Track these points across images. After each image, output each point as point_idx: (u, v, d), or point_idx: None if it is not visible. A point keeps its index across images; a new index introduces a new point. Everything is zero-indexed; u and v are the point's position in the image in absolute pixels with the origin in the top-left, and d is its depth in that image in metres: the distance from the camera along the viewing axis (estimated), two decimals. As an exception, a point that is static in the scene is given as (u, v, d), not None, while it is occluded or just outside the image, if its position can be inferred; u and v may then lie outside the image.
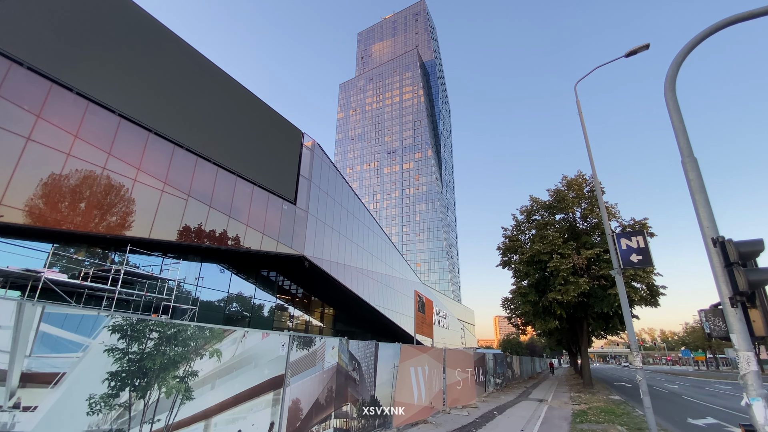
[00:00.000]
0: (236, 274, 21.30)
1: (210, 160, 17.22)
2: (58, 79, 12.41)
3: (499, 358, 23.71)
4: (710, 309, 4.99)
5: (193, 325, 3.93)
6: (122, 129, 14.25)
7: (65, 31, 12.98)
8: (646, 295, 19.56)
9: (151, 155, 15.03)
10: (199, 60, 17.81)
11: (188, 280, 18.51)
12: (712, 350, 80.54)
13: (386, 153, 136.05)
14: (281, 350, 4.96)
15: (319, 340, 5.76)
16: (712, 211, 4.82)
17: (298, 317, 27.52)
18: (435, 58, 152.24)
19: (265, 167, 20.00)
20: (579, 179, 22.88)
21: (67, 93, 12.79)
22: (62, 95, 12.66)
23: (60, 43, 12.73)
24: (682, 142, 4.84)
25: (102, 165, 13.40)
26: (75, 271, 14.02)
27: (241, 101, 19.80)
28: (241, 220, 18.11)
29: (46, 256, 13.26)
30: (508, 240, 24.62)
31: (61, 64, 12.62)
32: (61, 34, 12.83)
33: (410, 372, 9.13)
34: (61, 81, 12.47)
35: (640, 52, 9.75)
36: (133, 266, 16.15)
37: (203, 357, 3.97)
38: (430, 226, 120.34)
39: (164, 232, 15.23)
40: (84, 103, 13.26)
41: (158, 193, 15.10)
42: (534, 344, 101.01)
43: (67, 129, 12.56)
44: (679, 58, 4.77)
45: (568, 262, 19.24)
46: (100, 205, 13.06)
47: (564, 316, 21.42)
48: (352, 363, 6.53)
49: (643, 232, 9.11)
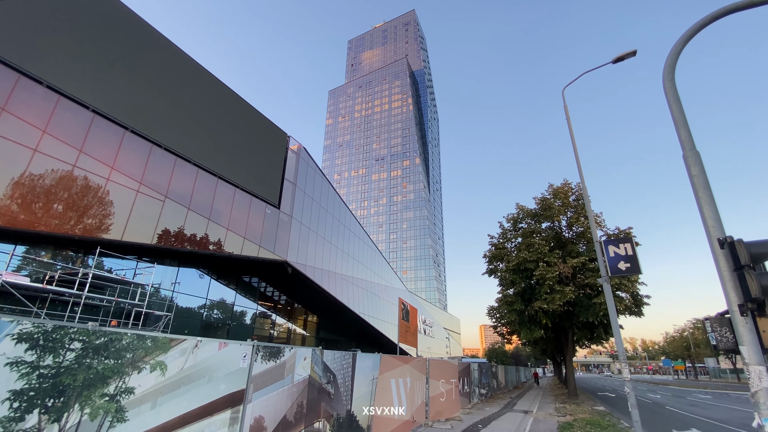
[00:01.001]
0: (216, 279, 20.58)
1: (190, 161, 16.62)
2: (26, 71, 11.76)
3: (485, 367, 23.37)
4: (716, 318, 4.47)
5: (130, 334, 3.41)
6: (96, 125, 13.62)
7: (34, 20, 12.36)
8: (630, 305, 19.54)
9: (126, 154, 14.39)
10: (182, 58, 17.28)
11: (164, 285, 17.78)
12: (691, 359, 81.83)
13: (374, 160, 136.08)
14: (242, 362, 4.46)
15: (288, 350, 5.26)
16: (717, 210, 4.42)
17: (280, 325, 26.76)
18: (424, 68, 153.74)
19: (248, 170, 19.44)
20: (565, 188, 22.92)
21: (36, 86, 12.16)
22: (31, 88, 12.01)
23: (28, 33, 12.10)
24: (683, 134, 4.53)
25: (72, 162, 12.74)
26: (41, 274, 13.22)
27: (225, 102, 19.28)
28: (222, 223, 17.48)
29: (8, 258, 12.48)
30: (495, 248, 24.46)
31: (30, 56, 11.97)
32: (30, 24, 12.20)
33: (391, 384, 8.68)
34: (29, 73, 11.83)
35: (628, 58, 9.71)
36: (107, 270, 15.41)
37: (142, 371, 3.43)
38: (417, 233, 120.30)
39: (139, 235, 14.54)
40: (54, 97, 12.62)
41: (133, 193, 14.43)
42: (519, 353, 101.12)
43: (35, 123, 11.90)
44: (678, 47, 4.57)
45: (554, 270, 19.11)
46: (68, 204, 12.36)
47: (549, 326, 21.25)
48: (326, 375, 6.05)
49: (631, 239, 8.94)
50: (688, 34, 4.49)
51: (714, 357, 68.08)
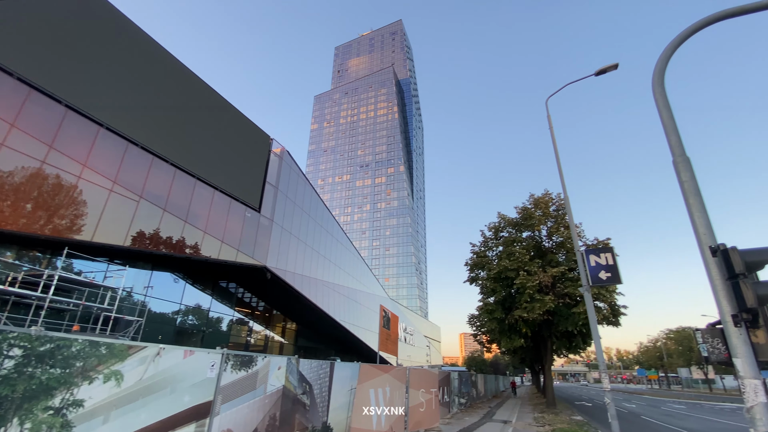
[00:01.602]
0: (191, 284, 19.90)
1: (167, 161, 16.11)
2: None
3: (464, 376, 23.27)
4: (707, 328, 4.26)
5: (81, 340, 3.11)
6: (69, 121, 13.05)
7: (4, 11, 11.80)
8: (608, 315, 19.84)
9: (100, 151, 13.83)
10: (162, 55, 16.83)
11: (136, 289, 17.06)
12: (664, 369, 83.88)
13: (359, 166, 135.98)
14: (210, 371, 4.17)
15: (261, 359, 4.98)
16: (708, 217, 4.29)
17: (258, 332, 26.07)
18: (410, 77, 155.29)
19: (228, 172, 18.98)
20: (546, 198, 23.28)
21: (5, 77, 11.59)
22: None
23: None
24: (672, 140, 4.49)
25: (41, 159, 12.15)
26: (3, 275, 12.46)
27: (207, 102, 18.84)
28: (199, 226, 16.96)
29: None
30: (476, 256, 24.56)
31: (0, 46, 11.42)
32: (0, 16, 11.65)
33: (369, 394, 8.44)
34: None
35: (610, 71, 9.92)
36: (75, 273, 14.68)
37: (94, 381, 3.12)
38: (400, 241, 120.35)
39: (111, 236, 13.93)
40: (25, 90, 12.06)
41: (106, 192, 13.85)
42: (498, 362, 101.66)
43: (2, 116, 11.31)
44: (668, 52, 4.60)
45: (534, 279, 19.28)
46: (37, 202, 11.74)
47: (529, 335, 21.38)
48: (302, 385, 5.78)
49: (611, 249, 9.03)
50: (677, 41, 4.53)
51: (686, 367, 69.93)
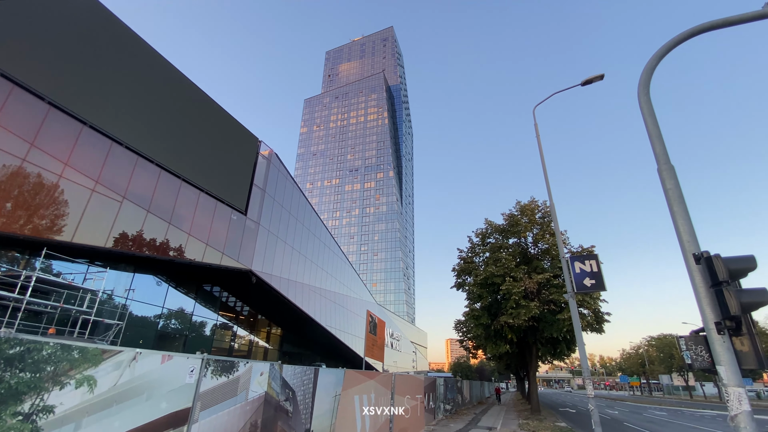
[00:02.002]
0: (174, 287, 19.51)
1: (153, 161, 15.82)
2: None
3: (450, 382, 23.25)
4: (691, 336, 4.25)
5: (52, 344, 2.99)
6: (51, 119, 12.73)
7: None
8: (592, 321, 20.11)
9: (83, 150, 13.52)
10: (149, 53, 16.58)
11: (117, 291, 16.66)
12: (645, 376, 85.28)
13: (348, 171, 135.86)
14: (189, 377, 4.06)
15: (243, 364, 4.87)
16: (692, 224, 4.33)
17: (242, 337, 25.67)
18: (400, 83, 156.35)
19: (215, 173, 18.73)
20: (532, 205, 23.59)
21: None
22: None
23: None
24: (657, 148, 4.59)
25: (22, 156, 11.80)
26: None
27: (194, 102, 18.61)
28: (183, 228, 16.66)
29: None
30: (463, 261, 24.68)
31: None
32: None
33: (354, 401, 8.34)
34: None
35: (596, 81, 10.15)
36: (54, 274, 14.25)
37: (66, 386, 2.99)
38: (389, 246, 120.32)
39: (92, 237, 13.57)
40: (8, 86, 11.75)
41: (88, 192, 13.51)
42: (483, 368, 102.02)
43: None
44: (652, 62, 4.72)
45: (520, 285, 19.45)
46: (12, 200, 11.38)
47: (515, 341, 21.50)
48: (284, 392, 5.67)
49: (596, 256, 9.17)
50: (663, 50, 4.66)
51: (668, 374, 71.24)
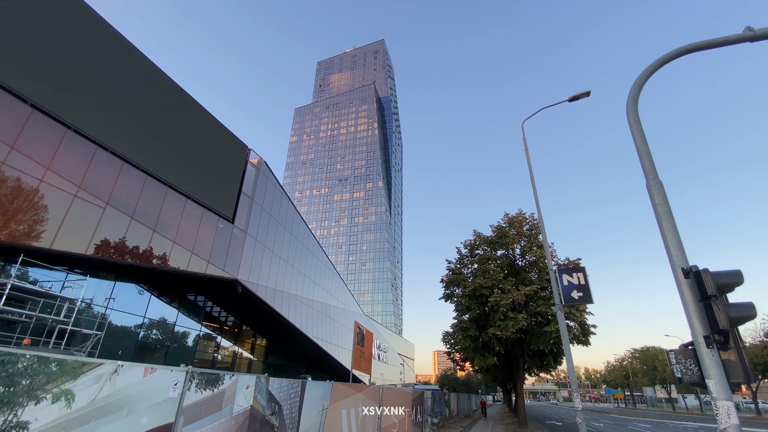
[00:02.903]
0: (157, 296, 19.01)
1: (138, 167, 15.53)
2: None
3: (437, 395, 23.04)
4: (680, 349, 4.29)
5: (29, 356, 2.84)
6: (33, 121, 12.42)
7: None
8: (578, 334, 20.26)
9: (66, 154, 13.18)
10: (136, 57, 16.40)
11: (97, 300, 16.15)
12: (630, 388, 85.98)
13: (337, 180, 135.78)
14: (172, 391, 3.91)
15: (229, 377, 4.72)
16: (680, 239, 4.40)
17: (225, 348, 25.07)
18: (391, 95, 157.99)
19: (202, 180, 18.47)
20: (520, 217, 23.86)
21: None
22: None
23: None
24: (646, 164, 4.65)
25: (0, 160, 11.44)
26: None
27: (183, 108, 18.42)
28: (168, 235, 16.31)
29: None
30: (452, 273, 24.71)
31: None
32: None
33: (341, 414, 8.17)
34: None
35: (582, 98, 10.39)
36: (31, 282, 13.75)
37: (41, 401, 2.84)
38: (377, 256, 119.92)
39: (72, 244, 13.16)
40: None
41: (69, 197, 13.15)
42: (470, 380, 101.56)
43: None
44: (641, 80, 4.85)
45: (508, 297, 19.53)
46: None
47: (502, 353, 21.48)
48: (271, 405, 5.51)
49: (583, 269, 9.27)
50: (651, 68, 4.80)
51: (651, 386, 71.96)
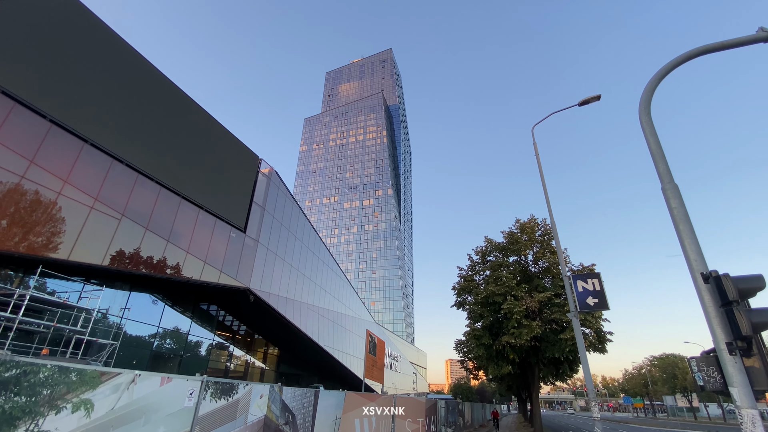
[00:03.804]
0: (171, 306, 19.23)
1: (153, 179, 15.84)
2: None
3: (451, 405, 22.72)
4: (702, 356, 4.14)
5: (50, 366, 2.89)
6: (52, 136, 12.79)
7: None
8: (594, 341, 19.81)
9: (83, 168, 13.52)
10: (150, 71, 16.82)
11: (112, 310, 16.39)
12: (649, 397, 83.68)
13: (347, 188, 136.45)
14: (188, 400, 3.93)
15: (243, 387, 4.74)
16: (698, 243, 4.26)
17: (238, 357, 25.16)
18: (399, 103, 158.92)
19: (214, 191, 18.74)
20: (531, 223, 23.58)
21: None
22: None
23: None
24: (661, 168, 4.56)
25: (21, 173, 11.78)
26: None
27: (194, 120, 18.78)
28: (182, 245, 16.54)
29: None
30: (463, 280, 24.47)
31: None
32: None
33: (355, 424, 8.11)
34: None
35: (593, 102, 10.31)
36: (49, 293, 14.05)
37: (62, 411, 2.88)
38: (387, 264, 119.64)
39: (89, 255, 13.43)
40: (9, 103, 11.82)
41: (86, 209, 13.45)
42: (484, 389, 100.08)
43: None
44: (653, 83, 4.78)
45: (521, 304, 19.23)
46: (13, 218, 11.30)
47: (517, 361, 21.11)
48: (284, 415, 5.50)
49: (598, 275, 9.09)
50: (663, 71, 4.73)
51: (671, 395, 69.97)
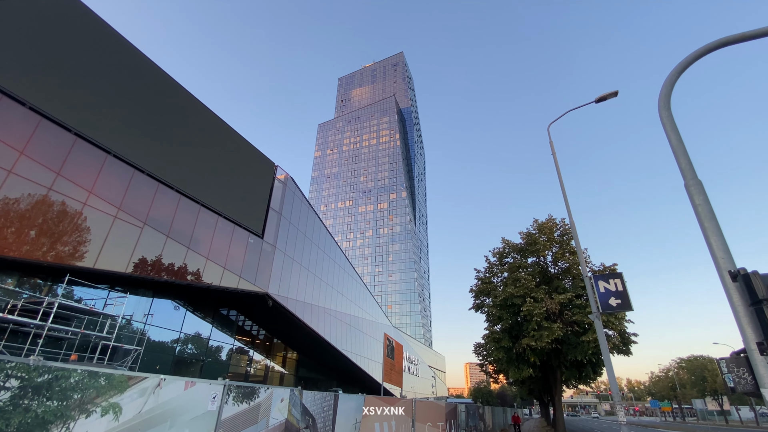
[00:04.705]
0: (192, 312, 19.60)
1: (173, 187, 16.23)
2: (8, 91, 11.49)
3: (471, 409, 22.42)
4: (732, 357, 3.98)
5: (80, 371, 2.98)
6: (77, 149, 13.25)
7: (17, 41, 12.23)
8: (618, 343, 19.28)
9: (106, 178, 13.96)
10: (169, 83, 17.28)
11: (136, 317, 16.80)
12: (677, 400, 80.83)
13: (361, 192, 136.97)
14: (211, 404, 3.99)
15: (264, 390, 4.79)
16: (725, 240, 4.10)
17: (258, 362, 25.44)
18: (411, 106, 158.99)
19: (232, 197, 19.09)
20: (550, 223, 23.17)
21: (17, 107, 11.84)
22: (12, 108, 11.69)
23: (11, 53, 11.92)
24: (683, 163, 4.39)
25: (48, 185, 12.23)
26: (3, 302, 12.30)
27: (211, 129, 19.18)
28: (202, 252, 16.87)
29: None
30: (481, 282, 24.20)
31: (13, 76, 11.75)
32: (13, 45, 12.05)
33: (375, 428, 8.08)
34: (12, 93, 11.55)
35: (610, 98, 10.09)
36: (76, 300, 14.51)
37: (92, 414, 2.96)
38: (403, 267, 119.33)
39: (113, 263, 13.84)
40: (36, 118, 12.30)
41: (110, 219, 13.87)
42: (505, 393, 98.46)
43: (12, 144, 11.49)
44: (672, 77, 4.63)
45: (541, 306, 18.88)
46: (42, 229, 11.74)
47: (538, 364, 20.73)
48: (305, 419, 5.52)
49: (620, 275, 8.85)
50: (683, 65, 4.58)
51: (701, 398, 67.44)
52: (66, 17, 13.78)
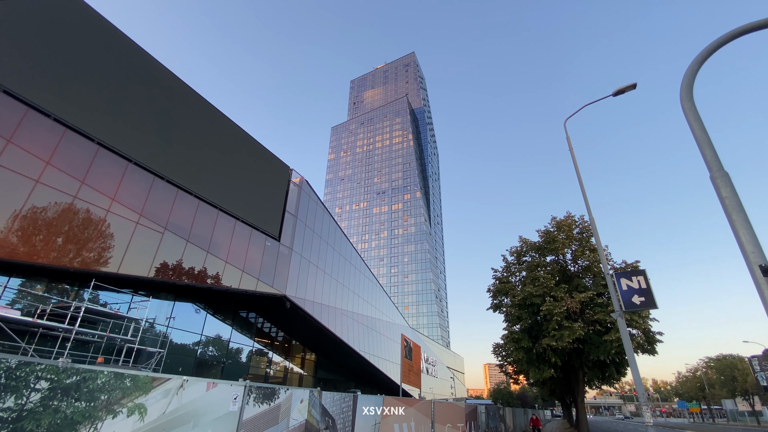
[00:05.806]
0: (212, 314, 19.96)
1: (192, 193, 16.58)
2: (35, 104, 11.94)
3: (492, 410, 22.14)
4: (764, 355, 3.92)
5: (106, 372, 3.06)
6: (100, 157, 13.67)
7: (43, 54, 12.69)
8: (642, 342, 18.74)
9: (128, 185, 14.36)
10: (186, 92, 17.68)
11: (159, 320, 17.20)
12: (706, 401, 78.10)
13: (375, 194, 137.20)
14: (233, 405, 4.05)
15: (284, 391, 4.83)
16: (755, 233, 3.92)
17: (277, 363, 25.72)
18: (424, 106, 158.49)
19: (249, 202, 19.38)
20: (568, 220, 22.71)
21: (43, 119, 12.29)
22: (38, 121, 12.15)
23: (38, 66, 12.38)
24: (708, 155, 4.25)
25: (73, 194, 12.65)
26: (33, 307, 12.78)
27: (228, 135, 19.53)
28: (220, 256, 17.17)
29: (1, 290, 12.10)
30: (499, 282, 23.90)
31: (39, 89, 12.21)
32: (39, 58, 12.52)
33: (394, 429, 8.06)
34: (38, 106, 12.00)
35: (628, 91, 9.83)
36: (101, 304, 14.96)
37: (118, 415, 3.04)
38: (419, 267, 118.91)
39: (136, 267, 14.22)
40: (61, 129, 12.74)
41: (132, 225, 14.26)
42: (525, 394, 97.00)
43: (39, 155, 11.93)
44: (694, 66, 4.48)
45: (561, 305, 18.51)
46: (68, 236, 12.15)
47: (559, 364, 20.32)
48: (324, 419, 5.55)
49: (644, 272, 8.59)
50: (705, 53, 4.42)
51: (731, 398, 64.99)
52: (85, 30, 14.25)
